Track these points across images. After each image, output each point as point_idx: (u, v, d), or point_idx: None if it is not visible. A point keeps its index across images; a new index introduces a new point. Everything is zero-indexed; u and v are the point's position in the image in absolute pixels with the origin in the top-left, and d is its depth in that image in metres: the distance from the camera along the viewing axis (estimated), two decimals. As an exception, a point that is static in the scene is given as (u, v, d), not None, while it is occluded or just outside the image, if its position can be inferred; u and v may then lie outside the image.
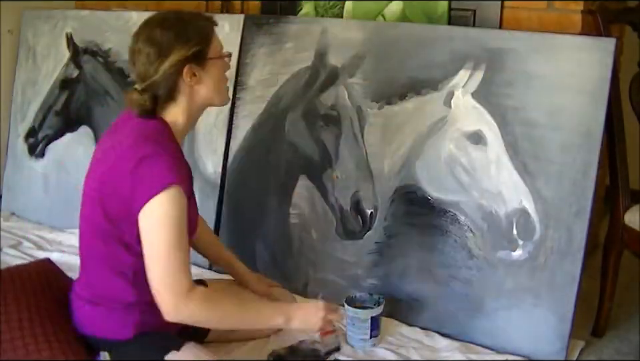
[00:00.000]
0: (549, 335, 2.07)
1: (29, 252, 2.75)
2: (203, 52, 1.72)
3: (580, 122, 2.05)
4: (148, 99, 1.70)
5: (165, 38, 1.68)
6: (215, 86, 1.77)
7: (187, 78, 1.71)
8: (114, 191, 1.68)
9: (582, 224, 2.03)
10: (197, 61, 1.71)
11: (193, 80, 1.72)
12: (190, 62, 1.70)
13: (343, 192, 2.40)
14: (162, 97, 1.72)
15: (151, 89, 1.70)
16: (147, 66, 1.69)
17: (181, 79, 1.71)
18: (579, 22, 2.27)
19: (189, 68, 1.70)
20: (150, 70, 1.68)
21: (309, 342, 2.08)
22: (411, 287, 2.28)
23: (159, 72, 1.68)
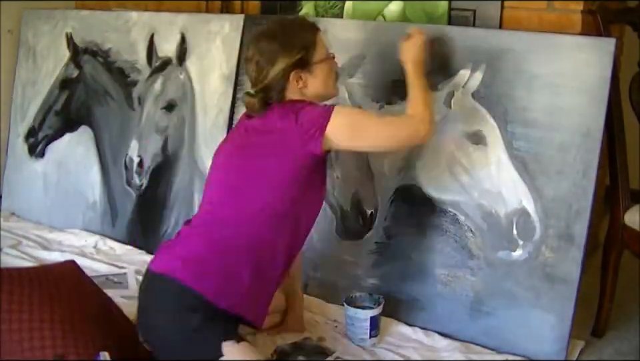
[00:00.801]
0: (548, 335, 2.07)
1: (29, 252, 2.75)
2: (306, 58, 1.91)
3: (580, 122, 2.05)
4: (258, 101, 1.90)
5: (271, 47, 1.89)
6: (321, 85, 1.96)
7: (294, 82, 1.91)
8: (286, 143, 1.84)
9: (582, 224, 2.03)
10: (302, 66, 1.90)
11: (300, 83, 1.91)
12: (296, 68, 1.89)
13: (343, 192, 2.40)
14: (273, 97, 1.91)
15: (262, 92, 1.90)
16: (257, 73, 1.90)
17: (289, 83, 1.90)
18: (578, 22, 2.27)
19: (295, 73, 1.90)
20: (260, 76, 1.89)
21: (313, 338, 2.10)
22: (410, 287, 2.28)
23: (268, 78, 1.89)
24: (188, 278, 1.77)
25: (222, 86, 2.71)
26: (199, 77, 2.77)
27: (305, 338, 2.13)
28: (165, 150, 2.83)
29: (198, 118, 2.76)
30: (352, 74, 2.40)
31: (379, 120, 2.03)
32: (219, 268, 1.80)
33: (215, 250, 1.82)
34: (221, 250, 1.82)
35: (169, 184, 2.80)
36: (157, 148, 2.83)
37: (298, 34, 1.93)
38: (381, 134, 1.93)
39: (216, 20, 2.78)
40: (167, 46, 2.85)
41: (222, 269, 1.80)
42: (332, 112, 1.85)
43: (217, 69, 2.72)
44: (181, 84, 2.80)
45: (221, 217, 1.87)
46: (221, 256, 1.82)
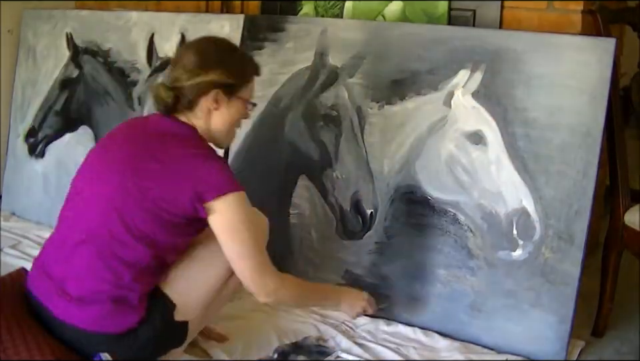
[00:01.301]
0: (548, 335, 2.07)
1: (29, 252, 2.75)
2: (235, 87, 1.81)
3: (580, 122, 2.05)
4: (171, 97, 1.77)
5: (212, 55, 1.80)
6: (227, 121, 1.84)
7: (211, 101, 1.79)
8: (170, 190, 1.71)
9: (582, 224, 2.03)
10: (226, 91, 1.80)
11: (214, 105, 1.80)
12: (219, 88, 1.78)
13: (343, 192, 2.40)
14: (183, 103, 1.79)
15: (177, 90, 1.78)
16: (183, 71, 1.77)
17: (205, 98, 1.79)
18: (578, 22, 2.27)
19: (216, 92, 1.78)
20: (184, 75, 1.77)
21: (313, 338, 2.10)
22: (410, 287, 2.28)
23: (190, 82, 1.77)
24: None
25: (222, 86, 2.70)
26: (199, 77, 2.77)
27: (305, 338, 2.13)
28: (165, 150, 2.82)
29: (198, 118, 2.75)
30: (352, 74, 2.40)
31: (258, 248, 1.80)
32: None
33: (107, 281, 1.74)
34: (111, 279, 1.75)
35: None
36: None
37: (244, 62, 1.86)
38: (241, 254, 1.76)
39: (216, 20, 2.78)
40: (167, 46, 2.86)
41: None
42: (238, 188, 1.74)
43: (217, 69, 2.72)
44: (180, 84, 2.80)
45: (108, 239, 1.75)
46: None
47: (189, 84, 1.77)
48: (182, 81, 1.77)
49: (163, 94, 1.78)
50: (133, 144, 1.80)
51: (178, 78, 1.78)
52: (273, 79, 2.56)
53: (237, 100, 1.83)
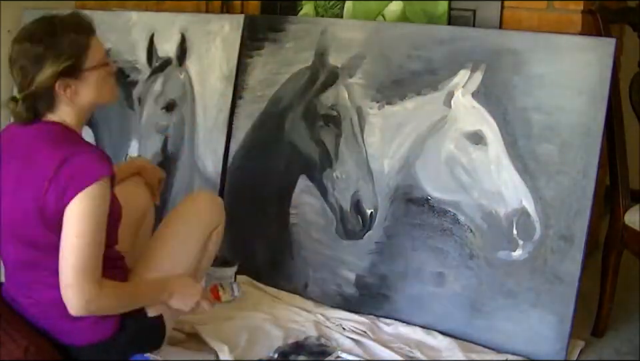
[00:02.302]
0: (548, 335, 2.07)
1: (28, 252, 2.75)
2: (77, 65, 1.68)
3: (580, 122, 2.05)
4: (25, 110, 1.68)
5: (36, 51, 1.65)
6: (95, 93, 1.73)
7: (61, 91, 1.68)
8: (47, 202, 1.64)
9: (582, 224, 2.03)
10: (71, 75, 1.67)
11: (67, 92, 1.68)
12: (63, 77, 1.66)
13: (343, 192, 2.40)
14: (42, 107, 1.70)
15: (29, 99, 1.68)
16: (22, 78, 1.67)
17: (55, 93, 1.68)
18: (579, 22, 2.27)
19: (62, 82, 1.66)
20: (24, 82, 1.67)
21: (314, 338, 2.10)
22: (410, 287, 2.28)
23: (34, 85, 1.66)
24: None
25: (222, 86, 2.70)
26: (199, 77, 2.77)
27: (306, 338, 2.13)
28: (165, 150, 2.83)
29: (198, 118, 2.76)
30: (352, 74, 2.40)
31: (85, 249, 1.64)
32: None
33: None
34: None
35: (168, 184, 2.80)
36: (157, 148, 2.83)
37: (68, 36, 1.67)
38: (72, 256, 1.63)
39: (216, 20, 2.78)
40: (166, 46, 2.85)
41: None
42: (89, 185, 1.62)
43: (217, 69, 2.72)
44: (181, 84, 2.80)
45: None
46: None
47: (33, 89, 1.66)
48: (25, 88, 1.67)
49: (16, 109, 1.69)
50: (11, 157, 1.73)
51: (20, 87, 1.68)
52: (273, 79, 2.57)
53: (89, 71, 1.70)
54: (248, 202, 2.61)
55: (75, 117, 1.74)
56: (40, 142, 1.69)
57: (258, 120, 2.58)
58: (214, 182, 2.68)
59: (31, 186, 1.65)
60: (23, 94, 1.67)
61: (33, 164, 1.67)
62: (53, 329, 1.75)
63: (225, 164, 2.66)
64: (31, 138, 1.70)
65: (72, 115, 1.73)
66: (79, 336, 1.75)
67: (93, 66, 1.70)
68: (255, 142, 2.61)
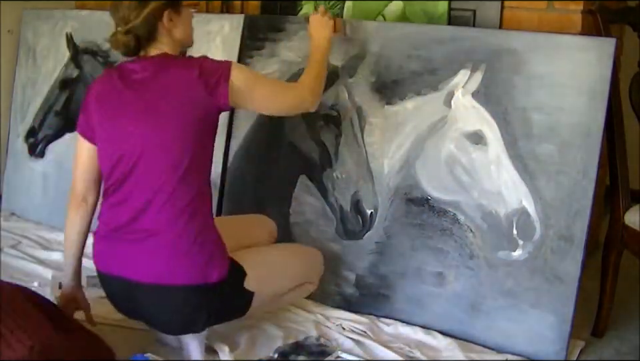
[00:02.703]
0: (548, 335, 2.07)
1: (29, 252, 2.76)
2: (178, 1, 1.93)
3: (580, 122, 2.05)
4: (132, 39, 1.87)
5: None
6: (187, 30, 1.98)
7: (166, 21, 1.89)
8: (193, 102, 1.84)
9: (582, 224, 2.03)
10: (173, 7, 1.91)
11: (170, 24, 1.90)
12: (168, 8, 1.89)
13: (343, 192, 2.40)
14: (143, 38, 1.89)
15: (133, 31, 1.87)
16: (129, 11, 1.87)
17: (160, 23, 1.89)
18: (579, 22, 2.27)
19: (168, 13, 1.89)
20: (132, 14, 1.86)
21: (314, 338, 2.10)
22: (410, 287, 2.28)
23: (140, 17, 1.86)
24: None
25: (222, 86, 2.70)
26: (199, 77, 2.77)
27: (306, 338, 2.13)
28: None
29: (198, 118, 2.75)
30: (352, 74, 2.40)
31: (272, 82, 2.18)
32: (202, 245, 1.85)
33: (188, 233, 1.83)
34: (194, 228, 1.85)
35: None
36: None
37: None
38: (273, 95, 2.01)
39: (216, 20, 2.78)
40: (166, 46, 2.85)
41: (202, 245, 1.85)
42: (231, 63, 1.90)
43: (217, 69, 2.72)
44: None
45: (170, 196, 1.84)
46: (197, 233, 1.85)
47: (140, 19, 1.86)
48: (132, 20, 1.86)
49: (122, 39, 1.87)
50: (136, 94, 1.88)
51: (127, 19, 1.87)
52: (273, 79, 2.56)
53: (183, 7, 1.95)
54: (248, 202, 2.61)
55: (173, 51, 1.94)
56: (164, 67, 1.88)
57: (258, 120, 2.58)
58: (214, 182, 2.67)
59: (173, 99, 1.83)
60: (129, 25, 1.86)
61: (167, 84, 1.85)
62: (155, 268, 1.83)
63: (225, 164, 2.66)
64: (154, 71, 1.87)
65: (170, 48, 1.93)
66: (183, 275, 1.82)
67: (185, 4, 1.97)
68: (255, 142, 2.61)
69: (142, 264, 1.83)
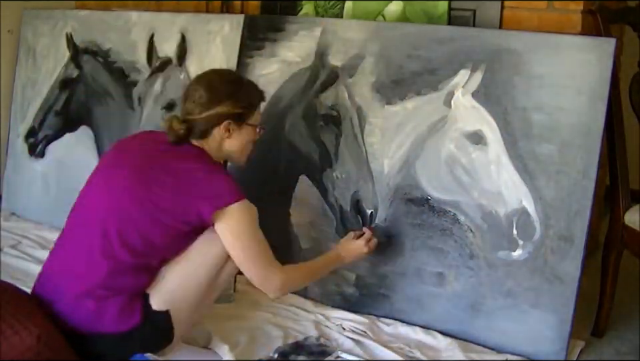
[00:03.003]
0: (548, 335, 2.07)
1: (29, 252, 2.76)
2: (245, 115, 1.96)
3: (580, 122, 2.05)
4: (184, 129, 1.90)
5: (221, 89, 1.93)
6: (240, 147, 2.00)
7: (223, 130, 1.94)
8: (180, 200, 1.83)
9: (582, 224, 2.03)
10: (237, 121, 1.95)
11: (226, 134, 1.94)
12: (230, 119, 1.93)
13: (343, 192, 2.40)
14: (195, 133, 1.92)
15: (189, 123, 1.91)
16: (194, 105, 1.92)
17: (217, 128, 1.93)
18: (578, 22, 2.28)
19: (228, 123, 1.93)
20: (196, 109, 1.91)
21: (313, 338, 2.10)
22: (410, 287, 2.28)
23: (203, 115, 1.91)
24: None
25: (222, 86, 2.70)
26: (199, 77, 2.77)
27: (306, 338, 2.13)
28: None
29: (198, 118, 2.75)
30: (352, 74, 2.40)
31: (260, 247, 1.93)
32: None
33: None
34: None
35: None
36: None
37: (251, 92, 2.00)
38: (249, 258, 1.91)
39: (216, 20, 2.78)
40: (166, 46, 2.86)
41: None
42: (242, 198, 1.87)
43: (217, 69, 2.72)
44: (180, 84, 2.80)
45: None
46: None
47: (202, 117, 1.91)
48: (194, 114, 1.91)
49: (175, 126, 1.90)
50: (146, 156, 1.91)
51: (190, 111, 1.92)
52: (273, 79, 2.57)
53: (247, 126, 1.98)
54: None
55: (215, 155, 1.97)
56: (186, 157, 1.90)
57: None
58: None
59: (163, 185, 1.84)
60: (190, 117, 1.91)
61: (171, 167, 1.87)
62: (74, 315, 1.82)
63: (225, 163, 2.66)
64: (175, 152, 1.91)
65: (213, 152, 1.96)
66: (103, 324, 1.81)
67: (253, 124, 2.00)
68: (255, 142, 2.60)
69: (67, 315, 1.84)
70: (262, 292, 2.43)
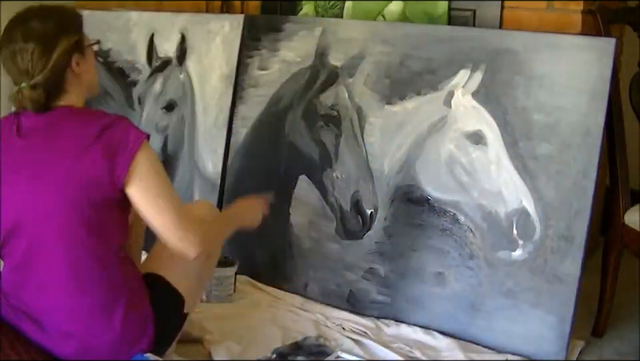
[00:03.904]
0: (548, 335, 2.07)
1: (28, 252, 2.75)
2: (81, 40, 1.71)
3: (580, 122, 2.05)
4: (42, 93, 1.65)
5: (47, 29, 1.65)
6: (93, 73, 1.79)
7: (75, 67, 1.69)
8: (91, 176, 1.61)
9: (582, 224, 2.03)
10: (79, 49, 1.70)
11: (78, 69, 1.70)
12: (75, 52, 1.68)
13: (343, 192, 2.40)
14: (54, 90, 1.67)
15: (41, 84, 1.64)
16: (33, 63, 1.63)
17: (69, 70, 1.68)
18: (579, 22, 2.28)
19: (75, 57, 1.69)
20: (37, 65, 1.64)
21: (313, 338, 2.10)
22: (410, 287, 2.28)
23: (49, 65, 1.64)
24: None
25: (222, 86, 2.71)
26: (199, 77, 2.77)
27: (305, 338, 2.13)
28: (165, 150, 2.83)
29: (198, 118, 2.76)
30: (352, 74, 2.40)
31: (171, 197, 1.69)
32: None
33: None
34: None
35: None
36: (157, 148, 2.83)
37: (67, 12, 1.73)
38: (163, 209, 1.66)
39: (216, 20, 2.78)
40: (166, 46, 2.86)
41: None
42: (145, 139, 1.66)
43: (217, 69, 2.72)
44: (181, 84, 2.81)
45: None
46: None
47: (49, 68, 1.64)
48: (39, 72, 1.64)
49: (30, 96, 1.64)
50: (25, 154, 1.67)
51: (33, 72, 1.64)
52: (273, 79, 2.57)
53: (87, 48, 1.74)
54: (248, 202, 2.61)
55: (81, 101, 1.74)
56: (65, 122, 1.67)
57: (258, 120, 2.59)
58: (214, 182, 2.68)
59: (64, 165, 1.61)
60: (36, 79, 1.63)
61: (60, 144, 1.64)
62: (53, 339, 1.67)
63: (225, 164, 2.66)
64: (49, 122, 1.67)
65: (79, 98, 1.73)
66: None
67: (88, 44, 1.75)
68: (255, 142, 2.61)
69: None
70: (262, 292, 2.46)
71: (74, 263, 1.65)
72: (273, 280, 2.50)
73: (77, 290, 1.66)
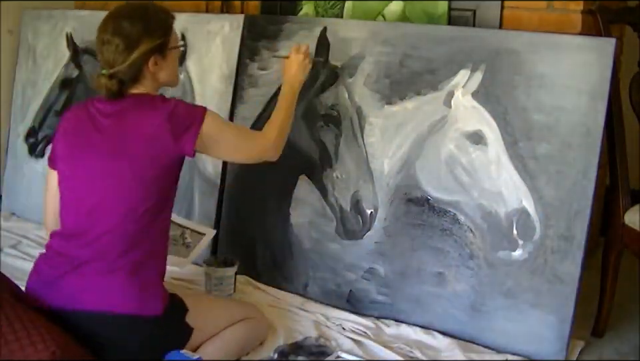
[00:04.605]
0: (548, 335, 2.07)
1: (29, 252, 2.75)
2: (165, 44, 1.92)
3: (580, 122, 2.05)
4: (115, 83, 1.87)
5: (133, 30, 1.86)
6: (172, 71, 1.99)
7: (152, 66, 1.90)
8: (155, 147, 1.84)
9: (582, 224, 2.03)
10: (160, 52, 1.91)
11: (154, 68, 1.91)
12: (154, 54, 1.89)
13: (343, 192, 2.40)
14: (127, 81, 1.89)
15: (118, 75, 1.87)
16: (115, 55, 1.86)
17: (145, 67, 1.90)
18: (578, 22, 2.28)
19: (153, 59, 1.90)
20: (118, 59, 1.86)
21: (313, 338, 2.10)
22: (411, 287, 2.28)
23: (127, 62, 1.86)
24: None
25: (222, 86, 2.70)
26: (199, 77, 2.77)
27: (305, 338, 2.13)
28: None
29: (198, 118, 2.75)
30: (352, 74, 2.40)
31: (238, 133, 2.13)
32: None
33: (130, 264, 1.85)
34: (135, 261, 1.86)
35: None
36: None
37: (159, 17, 1.94)
38: (238, 146, 2.04)
39: (216, 20, 2.78)
40: (166, 46, 2.85)
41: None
42: (205, 110, 1.92)
43: (217, 69, 2.72)
44: (180, 84, 2.80)
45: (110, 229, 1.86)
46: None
47: (127, 65, 1.86)
48: (118, 64, 1.86)
49: (107, 84, 1.86)
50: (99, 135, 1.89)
51: (113, 63, 1.86)
52: (273, 79, 2.56)
53: (170, 50, 1.95)
54: (248, 202, 2.61)
55: (152, 90, 1.95)
56: (133, 108, 1.88)
57: (258, 121, 2.58)
58: (214, 182, 2.68)
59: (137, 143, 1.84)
60: (115, 69, 1.86)
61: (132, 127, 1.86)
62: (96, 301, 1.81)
63: (225, 164, 2.66)
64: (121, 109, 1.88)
65: (152, 89, 1.94)
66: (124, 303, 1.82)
67: (174, 47, 1.97)
68: (255, 142, 2.60)
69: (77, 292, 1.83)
70: (262, 292, 2.46)
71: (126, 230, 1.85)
72: (273, 280, 2.50)
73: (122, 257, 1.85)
